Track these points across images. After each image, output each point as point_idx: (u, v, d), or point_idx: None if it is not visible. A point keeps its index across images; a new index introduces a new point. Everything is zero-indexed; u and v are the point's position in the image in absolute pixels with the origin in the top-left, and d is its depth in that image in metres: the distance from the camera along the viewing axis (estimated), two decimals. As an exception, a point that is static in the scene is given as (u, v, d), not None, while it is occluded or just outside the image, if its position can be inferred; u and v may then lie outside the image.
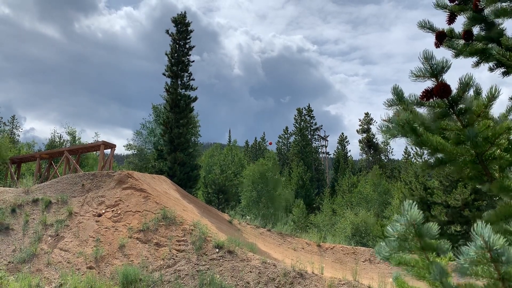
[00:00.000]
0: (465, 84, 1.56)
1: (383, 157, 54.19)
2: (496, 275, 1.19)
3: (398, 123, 1.54)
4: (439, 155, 1.66)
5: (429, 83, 1.58)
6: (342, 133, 64.10)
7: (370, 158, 53.97)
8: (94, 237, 12.01)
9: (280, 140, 61.26)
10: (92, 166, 27.85)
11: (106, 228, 12.35)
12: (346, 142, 58.62)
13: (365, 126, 55.34)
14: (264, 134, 64.60)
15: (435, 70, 1.53)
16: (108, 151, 19.41)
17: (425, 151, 1.64)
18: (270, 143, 53.63)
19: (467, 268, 1.20)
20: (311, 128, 58.17)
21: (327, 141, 61.60)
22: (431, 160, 1.71)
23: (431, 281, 1.27)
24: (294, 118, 56.92)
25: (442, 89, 1.53)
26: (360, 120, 56.68)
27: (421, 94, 1.58)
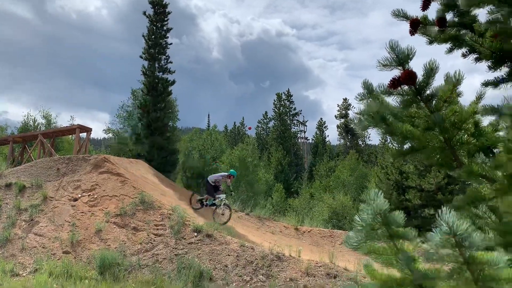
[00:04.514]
0: (430, 70, 1.59)
1: (360, 142, 54.90)
2: (461, 259, 1.22)
3: (368, 114, 1.57)
4: (410, 143, 1.69)
5: (397, 72, 1.62)
6: (321, 118, 64.31)
7: (348, 143, 54.60)
8: (70, 222, 11.85)
9: (260, 125, 61.17)
10: (67, 150, 27.28)
11: (82, 212, 12.20)
12: (325, 127, 58.99)
13: (343, 112, 55.76)
14: (243, 119, 64.37)
15: (401, 59, 1.57)
16: (84, 134, 19.06)
17: (396, 140, 1.67)
18: (250, 128, 53.54)
19: (433, 254, 1.22)
20: (290, 113, 58.19)
21: (306, 126, 61.92)
22: (403, 148, 1.74)
23: (399, 268, 1.30)
24: (274, 103, 56.79)
25: (408, 76, 1.57)
26: (338, 105, 57.04)
27: (389, 82, 1.61)
